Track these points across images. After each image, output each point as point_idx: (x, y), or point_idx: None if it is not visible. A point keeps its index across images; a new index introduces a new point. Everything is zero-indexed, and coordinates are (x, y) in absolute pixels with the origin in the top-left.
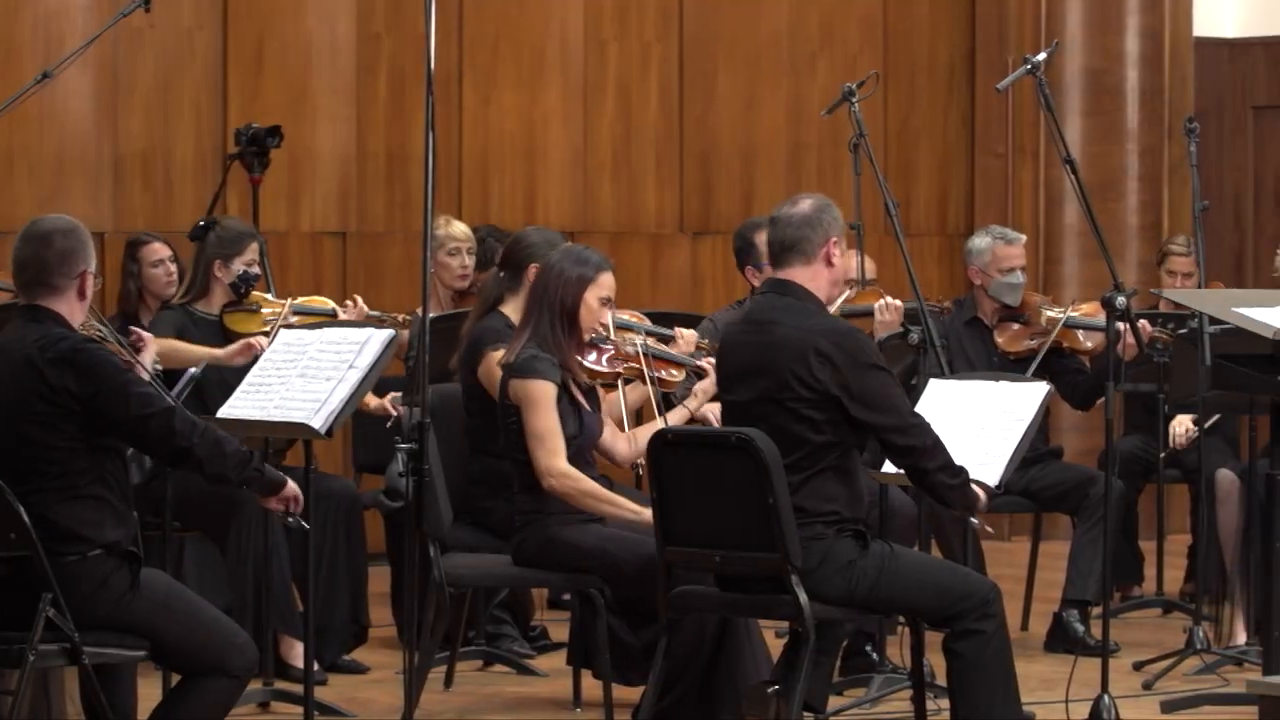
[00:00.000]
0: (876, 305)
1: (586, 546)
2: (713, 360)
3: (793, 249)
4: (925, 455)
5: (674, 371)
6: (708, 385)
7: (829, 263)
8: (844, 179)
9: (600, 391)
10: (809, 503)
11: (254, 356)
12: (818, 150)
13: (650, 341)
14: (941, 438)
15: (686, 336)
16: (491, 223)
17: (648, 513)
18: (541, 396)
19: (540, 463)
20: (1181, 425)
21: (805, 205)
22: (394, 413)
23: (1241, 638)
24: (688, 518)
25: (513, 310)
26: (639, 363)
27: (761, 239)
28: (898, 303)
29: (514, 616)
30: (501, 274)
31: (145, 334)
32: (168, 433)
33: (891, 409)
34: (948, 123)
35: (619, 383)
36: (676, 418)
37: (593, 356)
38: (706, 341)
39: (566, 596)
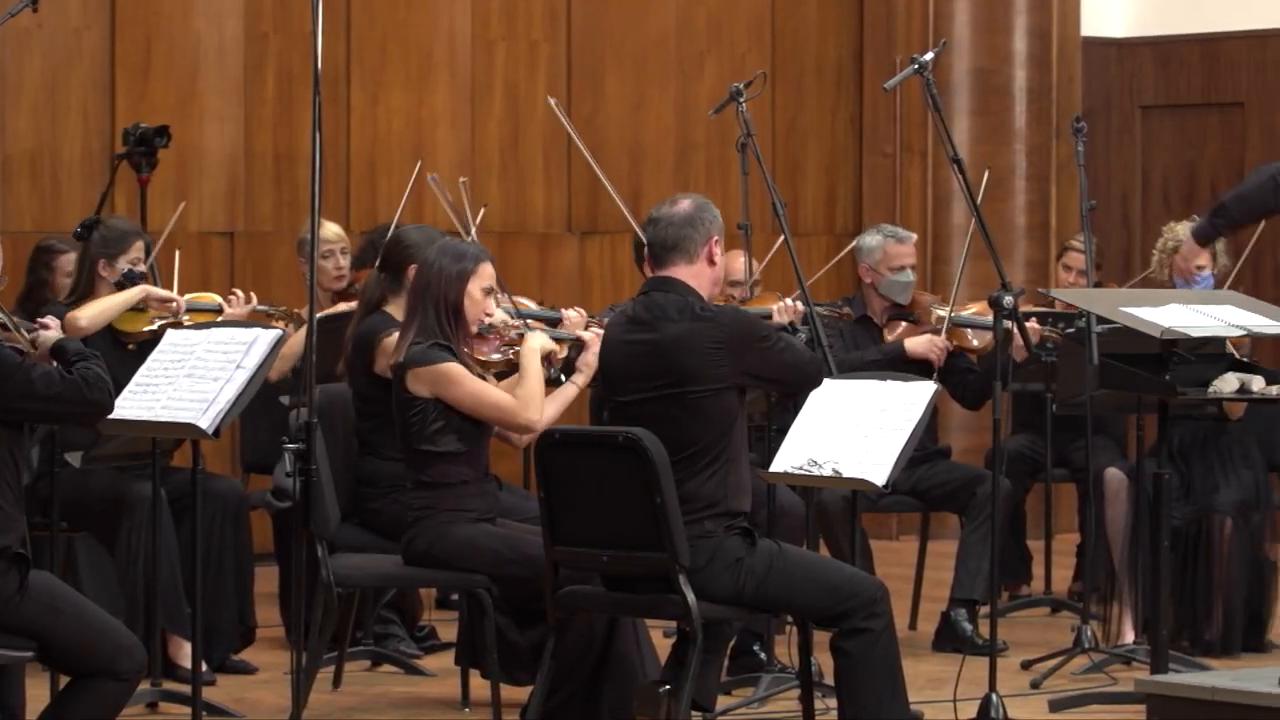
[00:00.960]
0: (775, 307)
1: (475, 546)
2: (599, 331)
3: (675, 248)
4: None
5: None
6: (590, 359)
7: (711, 261)
8: (732, 179)
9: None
10: (697, 499)
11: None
12: (705, 150)
13: (534, 324)
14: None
15: (573, 320)
16: (381, 222)
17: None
18: (454, 372)
19: (507, 418)
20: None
21: (685, 205)
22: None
23: (1129, 636)
24: (575, 517)
25: (396, 310)
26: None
27: None
28: (797, 305)
29: (402, 616)
30: (382, 275)
31: (51, 319)
32: (80, 400)
33: (792, 367)
34: (836, 122)
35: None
36: (566, 395)
37: (483, 347)
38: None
39: (455, 596)
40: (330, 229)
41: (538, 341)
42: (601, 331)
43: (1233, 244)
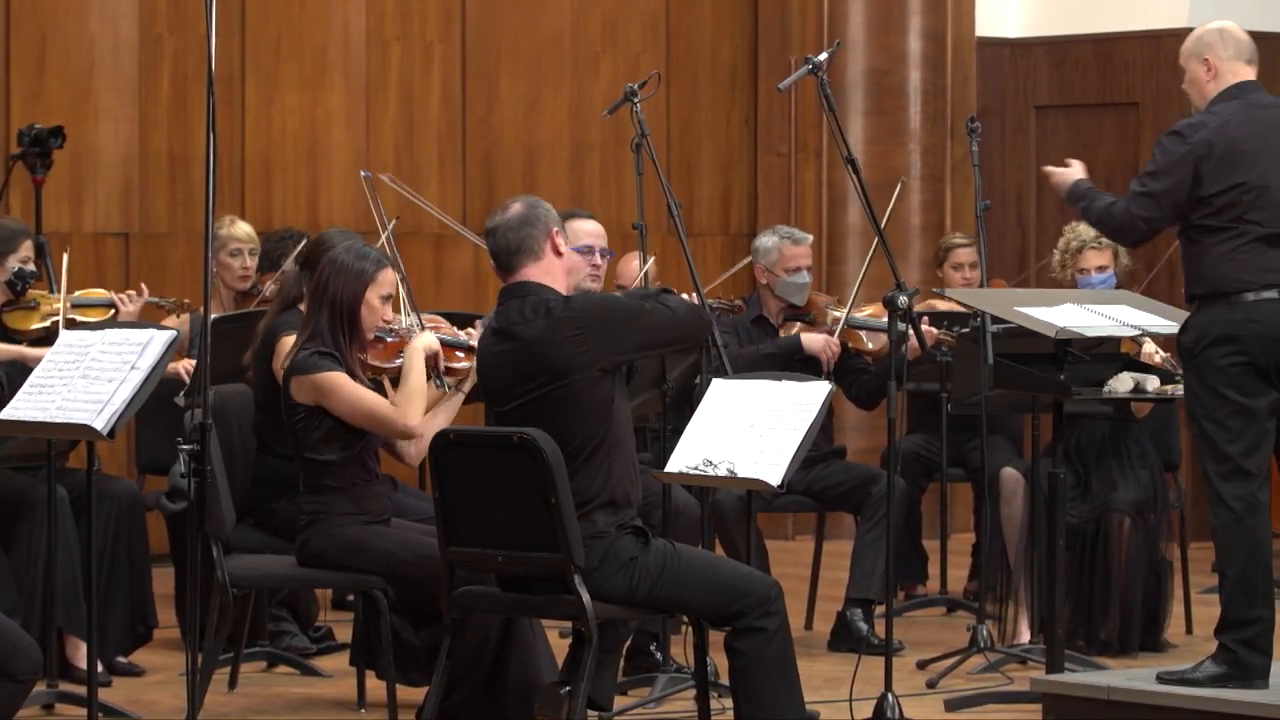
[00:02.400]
0: None
1: (370, 547)
2: None
3: (520, 250)
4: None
5: (461, 356)
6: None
7: (557, 253)
8: (626, 179)
9: (388, 389)
10: (585, 492)
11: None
12: (600, 150)
13: (431, 323)
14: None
15: (477, 329)
16: (281, 224)
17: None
18: (336, 381)
19: (385, 424)
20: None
21: (517, 207)
22: (186, 379)
23: (1025, 636)
24: (470, 518)
25: None
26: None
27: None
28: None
29: (297, 616)
30: (302, 272)
31: None
32: None
33: (672, 324)
34: (730, 123)
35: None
36: (455, 402)
37: (378, 349)
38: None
39: (351, 597)
40: (242, 228)
41: (422, 341)
42: None
43: (1148, 248)
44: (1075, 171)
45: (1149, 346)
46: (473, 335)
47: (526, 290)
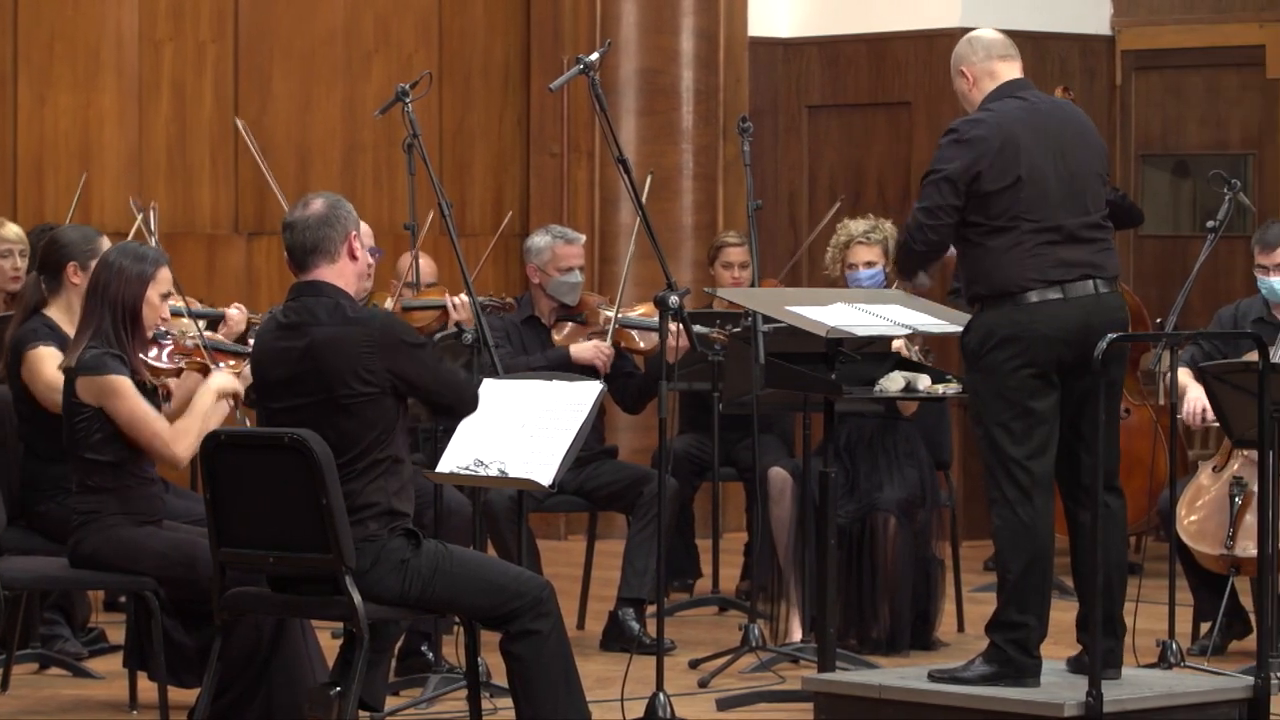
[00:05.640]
0: (448, 301)
1: (141, 548)
2: None
3: (316, 250)
4: (470, 408)
5: (234, 362)
6: (249, 371)
7: (353, 257)
8: (399, 179)
9: (161, 392)
10: (360, 500)
11: None
12: (373, 151)
13: (208, 334)
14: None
15: (234, 317)
16: (48, 221)
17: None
18: (120, 386)
19: (156, 446)
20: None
21: (319, 205)
22: None
23: (797, 635)
24: (242, 519)
25: (55, 312)
26: (201, 356)
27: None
28: (464, 298)
29: (69, 619)
30: (40, 276)
31: None
32: None
33: (447, 382)
34: (503, 123)
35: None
36: (219, 415)
37: (154, 353)
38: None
39: (123, 599)
40: (11, 229)
41: (218, 382)
42: None
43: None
44: None
45: (898, 342)
46: (232, 320)
47: (321, 290)
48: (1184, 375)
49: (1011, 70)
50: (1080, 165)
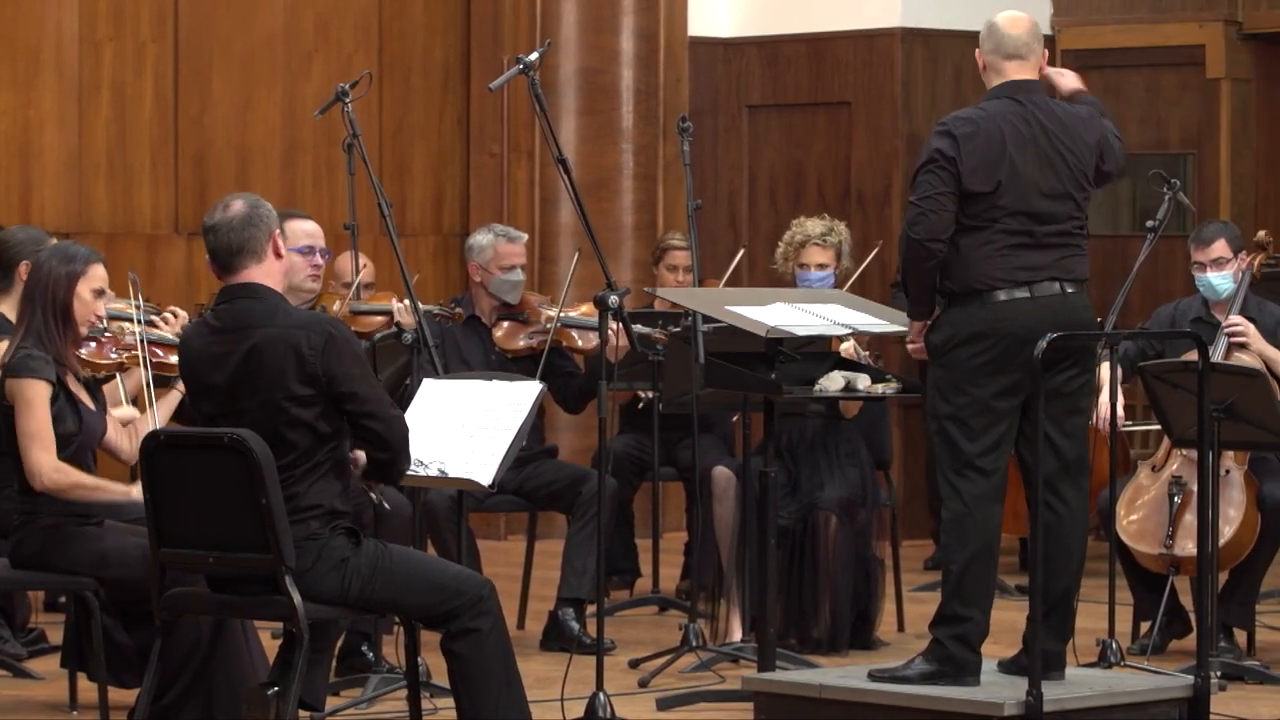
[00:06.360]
0: (393, 305)
1: (81, 548)
2: None
3: (242, 251)
4: (398, 451)
5: (174, 356)
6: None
7: (278, 255)
8: (339, 179)
9: (105, 389)
10: (302, 502)
11: None
12: (313, 151)
13: (149, 329)
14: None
15: (176, 319)
16: None
17: (136, 489)
18: (34, 396)
19: (31, 462)
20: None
21: (239, 206)
22: None
23: (737, 635)
24: (182, 519)
25: (8, 309)
26: (138, 350)
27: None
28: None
29: (9, 619)
30: None
31: None
32: None
33: (372, 394)
34: (443, 122)
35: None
36: (167, 405)
37: (91, 348)
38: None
39: (63, 599)
40: None
41: (168, 405)
42: None
43: (859, 247)
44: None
45: (847, 344)
46: (173, 321)
47: (254, 293)
48: (1104, 372)
49: (1021, 70)
50: (1064, 173)
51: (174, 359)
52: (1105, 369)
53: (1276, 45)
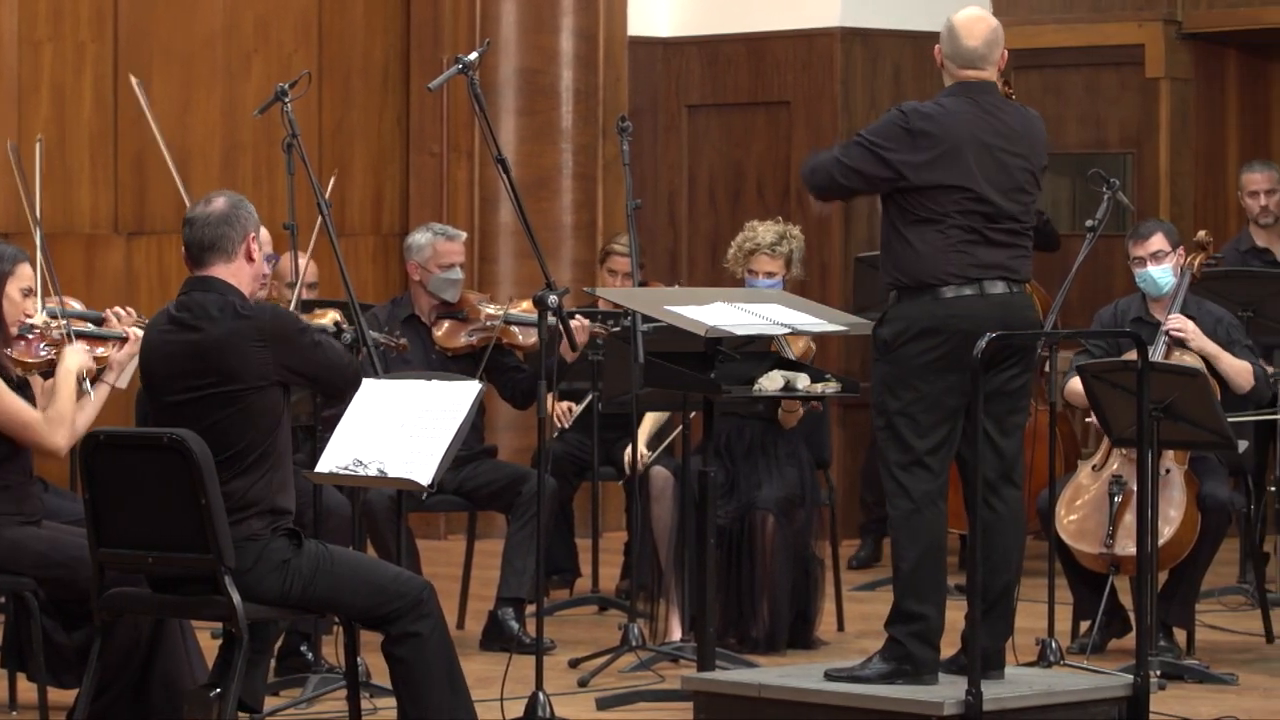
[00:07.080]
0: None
1: (20, 548)
2: (138, 331)
3: (213, 248)
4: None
5: (103, 348)
6: (122, 357)
7: (250, 258)
8: (279, 179)
9: (36, 387)
10: (243, 498)
11: None
12: (253, 151)
13: (76, 323)
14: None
15: (124, 318)
16: None
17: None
18: None
19: (44, 445)
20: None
21: (220, 203)
22: None
23: (677, 634)
24: (121, 519)
25: None
26: (67, 340)
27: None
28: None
29: None
30: None
31: None
32: None
33: (331, 366)
34: (383, 122)
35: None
36: (100, 396)
37: (21, 347)
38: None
39: (2, 598)
40: None
41: (75, 361)
42: (142, 332)
43: (814, 256)
44: None
45: (800, 347)
46: (121, 321)
47: (212, 286)
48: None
49: (979, 76)
50: (1016, 172)
51: (101, 351)
52: (1077, 381)
53: (1216, 45)
